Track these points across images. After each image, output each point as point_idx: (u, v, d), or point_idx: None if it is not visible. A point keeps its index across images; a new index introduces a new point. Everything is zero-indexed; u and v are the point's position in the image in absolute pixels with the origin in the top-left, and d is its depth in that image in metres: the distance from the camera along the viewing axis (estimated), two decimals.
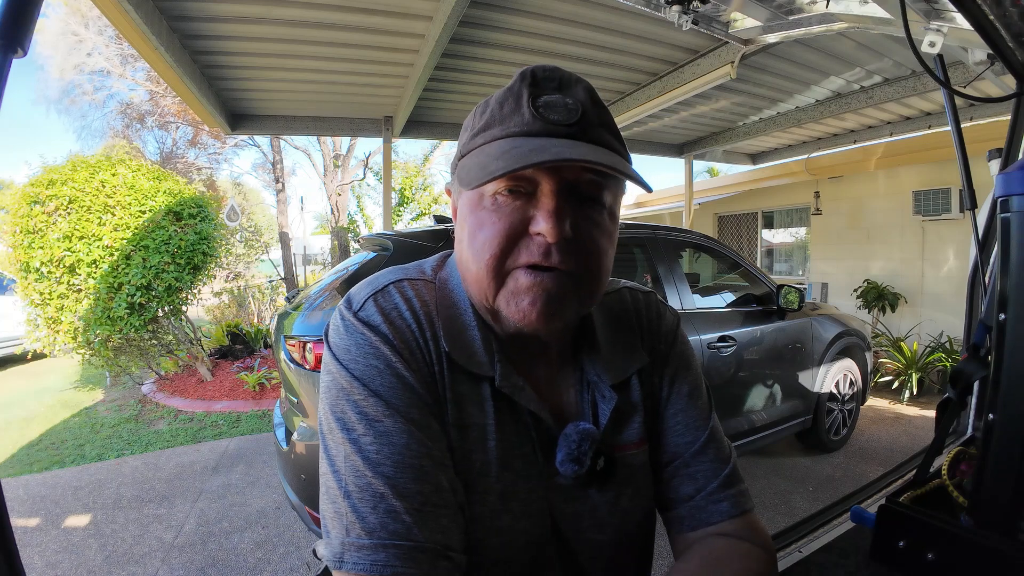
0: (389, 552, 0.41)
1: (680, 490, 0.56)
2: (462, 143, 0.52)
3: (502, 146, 0.46)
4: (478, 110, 0.52)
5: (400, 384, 0.47)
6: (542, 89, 0.48)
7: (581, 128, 0.47)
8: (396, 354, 0.47)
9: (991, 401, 0.69)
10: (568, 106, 0.47)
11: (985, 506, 0.68)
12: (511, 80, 0.50)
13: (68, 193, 4.51)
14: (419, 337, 0.50)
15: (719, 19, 2.92)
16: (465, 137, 0.52)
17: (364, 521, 0.42)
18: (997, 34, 0.95)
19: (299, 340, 2.00)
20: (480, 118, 0.50)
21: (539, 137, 0.46)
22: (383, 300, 0.51)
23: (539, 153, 0.43)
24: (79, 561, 2.34)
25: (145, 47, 2.93)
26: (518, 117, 0.47)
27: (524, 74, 0.49)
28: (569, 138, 0.46)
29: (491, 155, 0.45)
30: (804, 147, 6.43)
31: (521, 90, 0.48)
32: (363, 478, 0.43)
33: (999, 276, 0.67)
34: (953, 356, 4.60)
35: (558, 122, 0.46)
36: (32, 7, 0.44)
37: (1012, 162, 1.23)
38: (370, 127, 5.04)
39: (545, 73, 0.49)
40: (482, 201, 0.48)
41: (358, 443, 0.44)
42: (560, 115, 0.47)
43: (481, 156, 0.47)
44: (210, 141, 13.47)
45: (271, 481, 3.16)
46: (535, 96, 0.47)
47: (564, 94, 0.48)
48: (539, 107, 0.47)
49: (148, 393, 5.22)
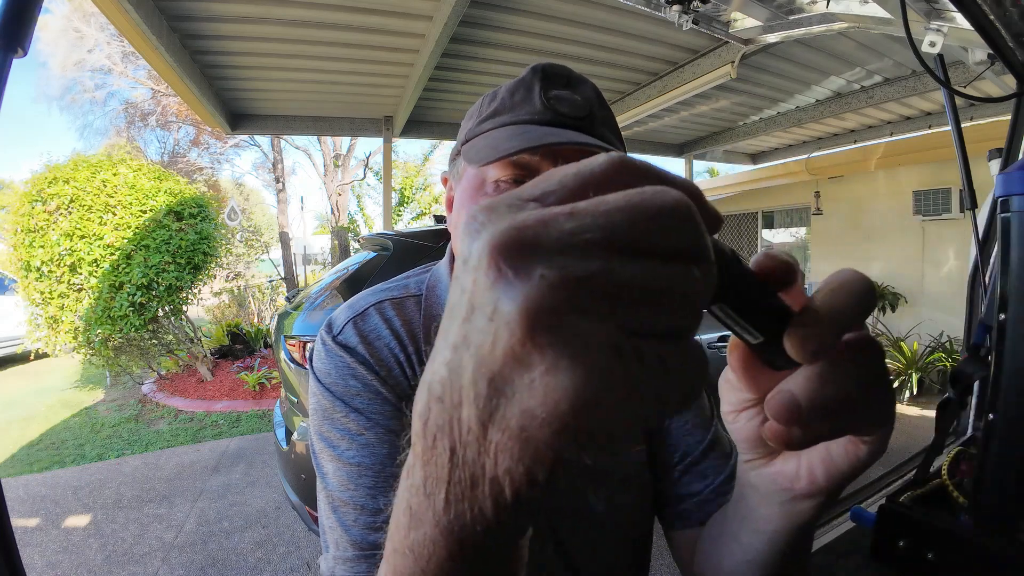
0: (370, 563, 0.42)
1: (690, 487, 0.56)
2: (467, 129, 0.53)
3: (513, 130, 0.47)
4: (486, 98, 0.53)
5: (379, 399, 0.48)
6: (553, 83, 0.50)
7: (589, 123, 0.48)
8: (373, 373, 0.49)
9: (991, 401, 0.69)
10: (577, 102, 0.49)
11: (985, 506, 0.68)
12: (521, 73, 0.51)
13: (69, 192, 4.52)
14: (400, 355, 0.51)
15: (719, 19, 2.91)
16: (471, 123, 0.52)
17: (349, 533, 0.43)
18: (997, 34, 0.95)
19: (299, 340, 2.00)
20: (489, 105, 0.51)
21: (549, 126, 0.47)
22: (362, 323, 0.52)
23: (551, 136, 0.44)
24: (79, 561, 2.34)
25: (145, 47, 2.93)
26: (529, 106, 0.48)
27: (536, 68, 0.50)
28: (577, 130, 0.47)
29: (502, 137, 0.46)
30: (804, 147, 6.42)
31: (533, 82, 0.49)
32: (347, 491, 0.45)
33: (999, 276, 0.67)
34: (953, 356, 4.60)
35: (567, 115, 0.48)
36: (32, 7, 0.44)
37: (1012, 162, 1.23)
38: (370, 127, 5.04)
39: (556, 69, 0.51)
40: (483, 187, 0.49)
41: (342, 458, 0.46)
42: (570, 109, 0.48)
43: (490, 139, 0.48)
44: (212, 141, 13.48)
45: (271, 481, 3.16)
46: (546, 89, 0.49)
47: (573, 91, 0.50)
48: (550, 98, 0.48)
49: (148, 393, 5.22)
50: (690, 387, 0.15)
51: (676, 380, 0.14)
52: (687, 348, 0.15)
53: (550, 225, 0.14)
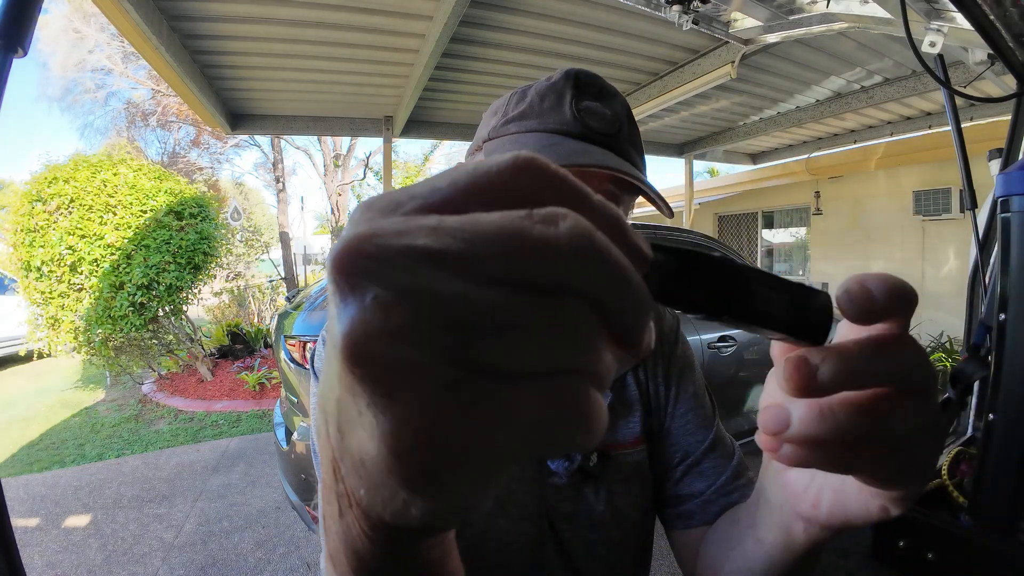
0: None
1: (692, 487, 0.56)
2: (491, 126, 0.51)
3: (540, 139, 0.46)
4: (514, 96, 0.52)
5: None
6: (584, 93, 0.49)
7: (616, 141, 0.47)
8: None
9: (991, 401, 0.69)
10: (607, 116, 0.48)
11: (985, 506, 0.68)
12: (553, 76, 0.50)
13: (70, 192, 4.52)
14: None
15: (719, 19, 2.91)
16: (495, 121, 0.51)
17: None
18: (997, 34, 0.95)
19: (299, 340, 2.00)
20: (516, 106, 0.50)
21: (577, 140, 0.46)
22: None
23: (581, 156, 0.43)
24: (79, 561, 2.34)
25: (145, 47, 2.93)
26: (558, 115, 0.47)
27: (569, 74, 0.49)
28: (605, 147, 0.46)
29: (528, 146, 0.45)
30: (804, 147, 6.42)
31: (564, 89, 0.48)
32: None
33: (999, 276, 0.67)
34: (953, 356, 4.60)
35: (597, 130, 0.47)
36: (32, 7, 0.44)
37: (1012, 162, 1.22)
38: (370, 127, 5.04)
39: (588, 79, 0.50)
40: None
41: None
42: (600, 124, 0.47)
43: (517, 144, 0.47)
44: (212, 141, 13.48)
45: (271, 481, 3.16)
46: (578, 99, 0.48)
47: (604, 103, 0.49)
48: (581, 110, 0.47)
49: (148, 393, 5.22)
50: (548, 437, 0.13)
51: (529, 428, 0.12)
52: (554, 393, 0.12)
53: (403, 237, 0.12)
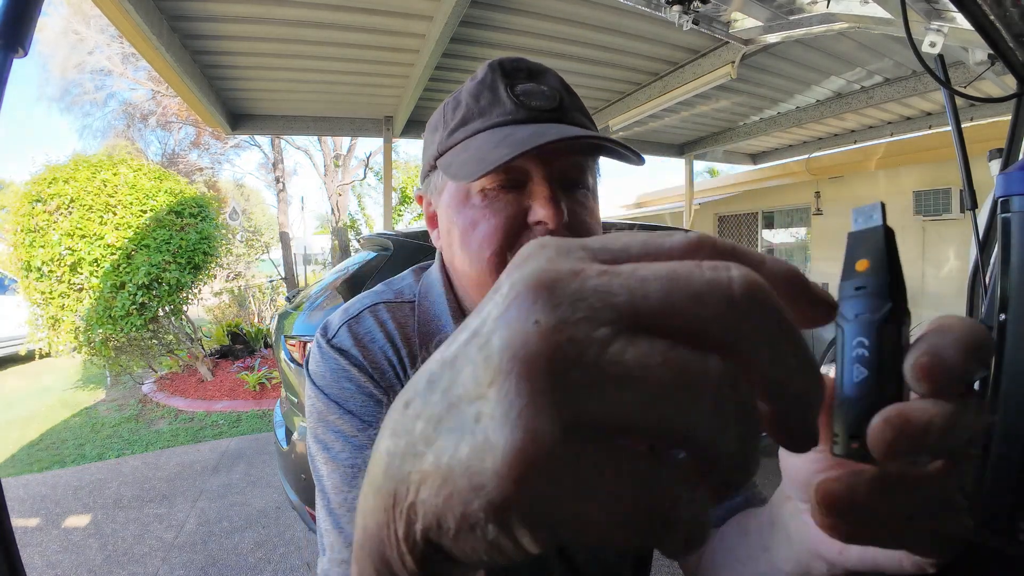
0: None
1: None
2: (437, 142, 0.50)
3: (492, 136, 0.45)
4: (448, 106, 0.51)
5: (372, 402, 0.48)
6: (515, 78, 0.48)
7: (563, 112, 0.47)
8: (366, 375, 0.48)
9: (991, 401, 0.69)
10: (546, 93, 0.47)
11: (985, 506, 0.68)
12: (477, 73, 0.49)
13: (70, 192, 4.52)
14: (393, 358, 0.50)
15: (719, 19, 2.91)
16: (439, 135, 0.50)
17: (344, 535, 0.43)
18: (997, 34, 0.95)
19: (299, 340, 2.00)
20: (454, 114, 0.49)
21: (526, 124, 0.45)
22: (356, 326, 0.52)
23: (538, 137, 0.41)
24: (79, 561, 2.34)
25: (145, 47, 2.93)
26: (499, 107, 0.46)
27: (492, 65, 0.48)
28: (555, 122, 0.46)
29: (483, 146, 0.44)
30: (804, 147, 6.42)
31: (495, 81, 0.47)
32: (340, 494, 0.45)
33: (999, 276, 0.67)
34: None
35: (541, 108, 0.46)
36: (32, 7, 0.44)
37: (1012, 162, 1.22)
38: (370, 127, 5.04)
39: (513, 63, 0.49)
40: (469, 199, 0.47)
41: (337, 460, 0.46)
42: (542, 101, 0.46)
43: (470, 150, 0.45)
44: (212, 142, 13.49)
45: (271, 481, 3.16)
46: (511, 85, 0.47)
47: (538, 82, 0.48)
48: (519, 95, 0.46)
49: (148, 393, 5.22)
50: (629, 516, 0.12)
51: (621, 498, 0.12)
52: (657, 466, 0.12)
53: (578, 276, 0.12)
